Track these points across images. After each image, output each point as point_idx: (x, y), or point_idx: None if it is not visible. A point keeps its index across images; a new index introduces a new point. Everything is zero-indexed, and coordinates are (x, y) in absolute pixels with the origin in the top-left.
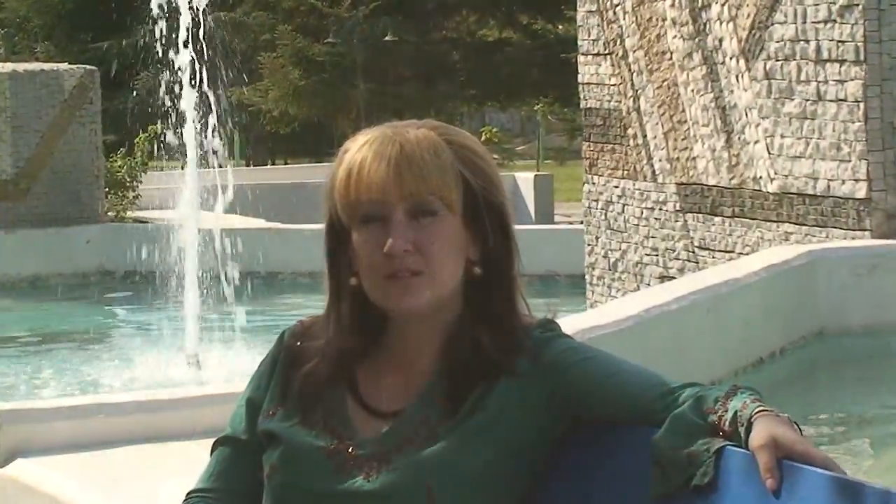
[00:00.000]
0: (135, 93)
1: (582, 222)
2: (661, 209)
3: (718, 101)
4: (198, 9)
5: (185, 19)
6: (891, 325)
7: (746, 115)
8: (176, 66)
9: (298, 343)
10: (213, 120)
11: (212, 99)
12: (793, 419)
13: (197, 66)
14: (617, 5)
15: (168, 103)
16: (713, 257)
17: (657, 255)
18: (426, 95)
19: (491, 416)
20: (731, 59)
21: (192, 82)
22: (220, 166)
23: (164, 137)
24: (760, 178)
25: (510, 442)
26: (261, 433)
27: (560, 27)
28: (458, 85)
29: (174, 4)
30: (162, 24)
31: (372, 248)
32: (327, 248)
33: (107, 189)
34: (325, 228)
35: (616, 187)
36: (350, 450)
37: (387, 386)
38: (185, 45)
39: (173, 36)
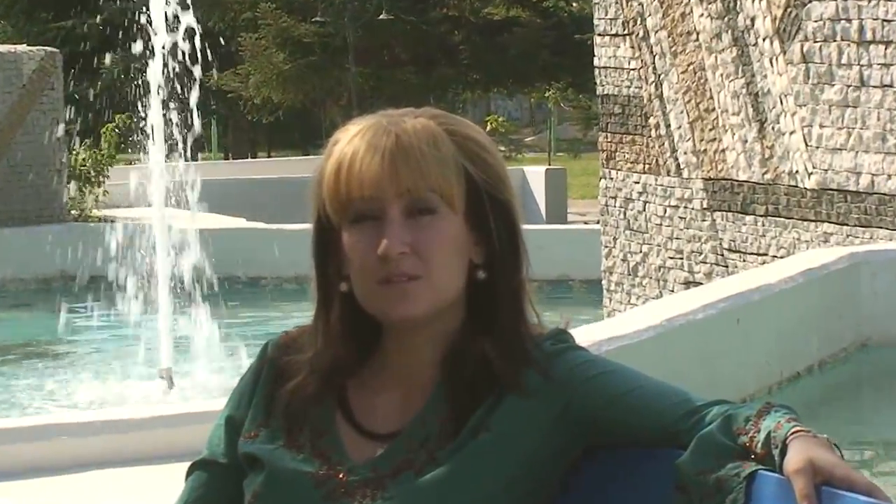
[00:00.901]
0: (102, 77)
1: (598, 221)
2: (686, 207)
3: (750, 87)
4: None
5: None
6: None
7: (781, 102)
8: (146, 48)
9: (283, 356)
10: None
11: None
12: (832, 441)
13: (170, 48)
14: None
15: (136, 89)
16: (744, 261)
17: (682, 259)
18: (425, 80)
19: (496, 438)
20: (764, 40)
21: (165, 70)
22: (193, 159)
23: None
24: (797, 172)
25: (518, 466)
26: (241, 456)
27: (574, 4)
28: (460, 69)
29: None
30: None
31: (364, 249)
32: (315, 250)
33: (70, 184)
34: (313, 228)
35: (636, 183)
36: (341, 475)
37: (381, 404)
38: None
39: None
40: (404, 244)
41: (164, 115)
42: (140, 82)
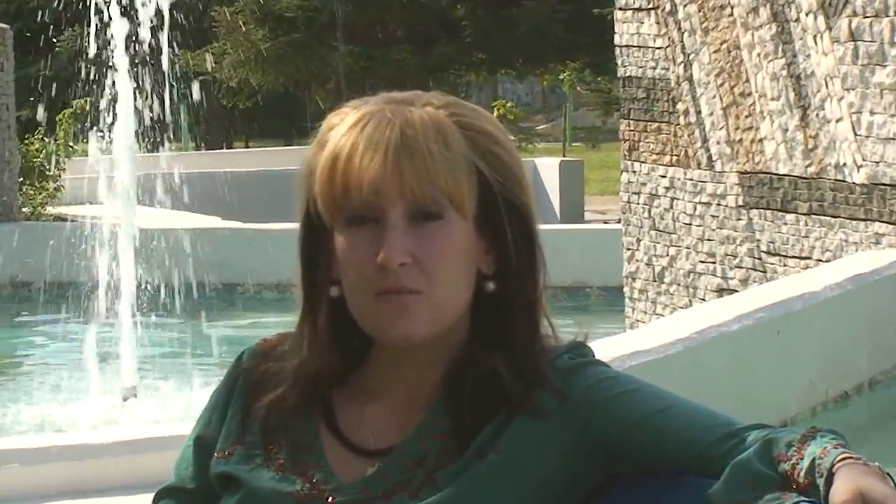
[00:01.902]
0: (56, 57)
1: (619, 221)
2: (718, 204)
3: (791, 69)
4: None
5: None
6: None
7: (827, 85)
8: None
9: (261, 365)
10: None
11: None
12: (885, 469)
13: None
14: None
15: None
16: (784, 265)
17: (714, 263)
18: (423, 61)
19: (505, 461)
20: (807, 15)
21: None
22: (160, 150)
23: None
24: (844, 165)
25: (529, 494)
26: (214, 478)
27: None
28: (463, 47)
29: None
30: None
31: (361, 257)
32: (302, 250)
33: (21, 179)
34: (300, 225)
35: (662, 177)
36: (327, 497)
37: (372, 416)
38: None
39: None
40: (406, 254)
41: (131, 100)
42: (100, 62)
